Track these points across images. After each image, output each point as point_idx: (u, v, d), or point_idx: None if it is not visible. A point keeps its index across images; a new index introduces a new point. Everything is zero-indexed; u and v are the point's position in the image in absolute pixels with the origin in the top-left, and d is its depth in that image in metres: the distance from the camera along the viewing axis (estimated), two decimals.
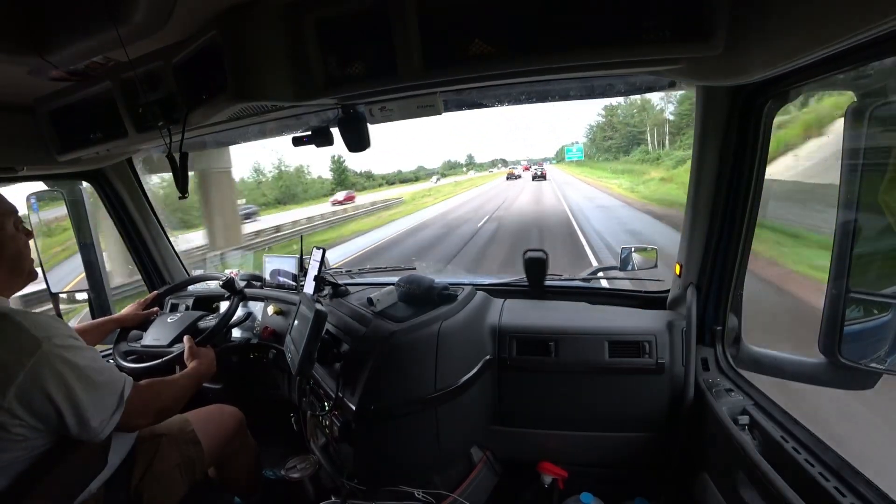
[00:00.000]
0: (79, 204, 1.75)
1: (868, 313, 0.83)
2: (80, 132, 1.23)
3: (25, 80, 1.04)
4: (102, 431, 0.87)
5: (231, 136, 1.47)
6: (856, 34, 0.54)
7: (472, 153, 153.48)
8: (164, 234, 1.97)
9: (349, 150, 1.22)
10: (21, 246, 0.94)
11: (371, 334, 1.20)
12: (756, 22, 0.68)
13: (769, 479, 0.83)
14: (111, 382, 0.90)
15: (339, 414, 1.22)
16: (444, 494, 1.25)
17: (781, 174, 7.25)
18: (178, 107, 0.98)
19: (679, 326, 1.25)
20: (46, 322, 0.84)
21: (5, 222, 0.90)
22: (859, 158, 0.76)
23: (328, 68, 0.89)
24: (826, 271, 0.81)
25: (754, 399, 1.08)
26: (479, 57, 0.81)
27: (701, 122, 1.07)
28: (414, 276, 1.41)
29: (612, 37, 0.75)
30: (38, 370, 0.78)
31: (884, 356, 0.80)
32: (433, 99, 1.09)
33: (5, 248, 0.90)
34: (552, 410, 1.34)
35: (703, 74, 0.88)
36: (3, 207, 0.91)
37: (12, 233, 0.92)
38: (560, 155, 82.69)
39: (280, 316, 1.67)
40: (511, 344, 1.33)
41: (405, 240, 11.70)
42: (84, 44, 0.84)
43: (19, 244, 0.93)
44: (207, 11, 0.84)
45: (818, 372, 0.94)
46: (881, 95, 0.78)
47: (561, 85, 1.12)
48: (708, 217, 1.15)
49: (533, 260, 1.53)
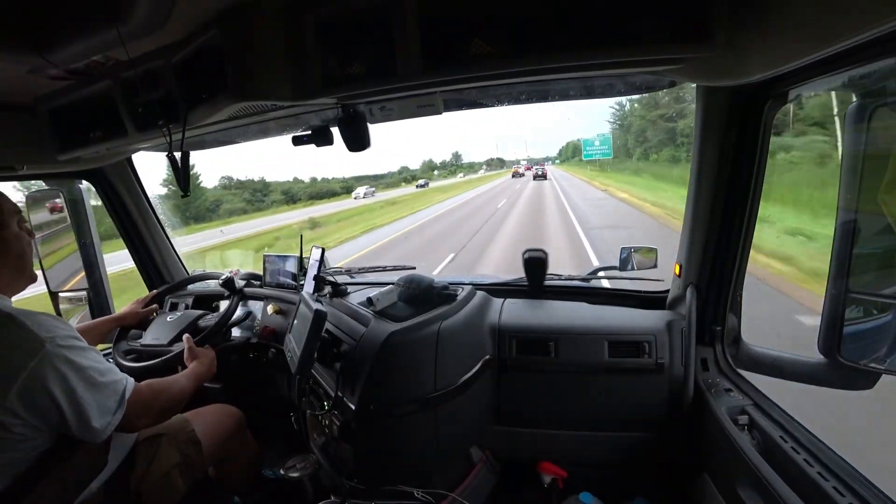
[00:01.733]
0: (78, 203, 1.75)
1: (868, 313, 0.83)
2: (80, 131, 1.23)
3: (25, 80, 1.04)
4: (104, 432, 0.87)
5: (231, 135, 1.46)
6: (856, 34, 0.54)
7: (462, 151, 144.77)
8: (164, 233, 1.97)
9: (349, 149, 1.22)
10: (25, 245, 0.94)
11: (371, 334, 1.20)
12: (756, 22, 0.68)
13: (768, 479, 0.83)
14: (113, 383, 0.90)
15: (338, 413, 1.22)
16: (443, 494, 1.26)
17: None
18: (178, 106, 0.98)
19: (678, 326, 1.25)
20: (49, 322, 0.84)
21: (9, 221, 0.90)
22: (859, 158, 0.76)
23: (328, 68, 0.89)
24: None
25: (753, 399, 1.08)
26: (478, 57, 0.80)
27: (701, 122, 1.07)
28: (414, 276, 1.41)
29: (612, 37, 0.75)
30: (41, 370, 0.78)
31: (883, 356, 0.80)
32: (433, 99, 1.09)
33: (10, 247, 0.90)
34: (552, 410, 1.34)
35: (703, 74, 0.88)
36: (7, 206, 0.91)
37: (16, 232, 0.92)
38: (566, 153, 71.36)
39: (280, 315, 1.68)
40: (511, 344, 1.33)
41: None
42: (84, 43, 0.84)
43: (23, 244, 0.93)
44: (207, 10, 0.84)
45: (818, 372, 0.94)
46: (881, 95, 0.78)
47: (561, 85, 1.12)
48: (708, 217, 1.15)
49: (532, 260, 1.53)
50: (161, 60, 0.97)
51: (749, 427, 1.02)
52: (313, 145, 1.30)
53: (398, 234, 12.53)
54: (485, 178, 49.59)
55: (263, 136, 1.55)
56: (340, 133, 1.22)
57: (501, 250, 8.35)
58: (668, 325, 1.27)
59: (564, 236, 9.20)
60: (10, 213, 0.91)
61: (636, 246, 1.55)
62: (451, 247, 9.23)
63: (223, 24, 0.84)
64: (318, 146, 1.30)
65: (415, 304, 1.33)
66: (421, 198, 27.35)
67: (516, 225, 11.94)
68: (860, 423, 2.19)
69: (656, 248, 1.52)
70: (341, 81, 0.89)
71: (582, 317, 1.40)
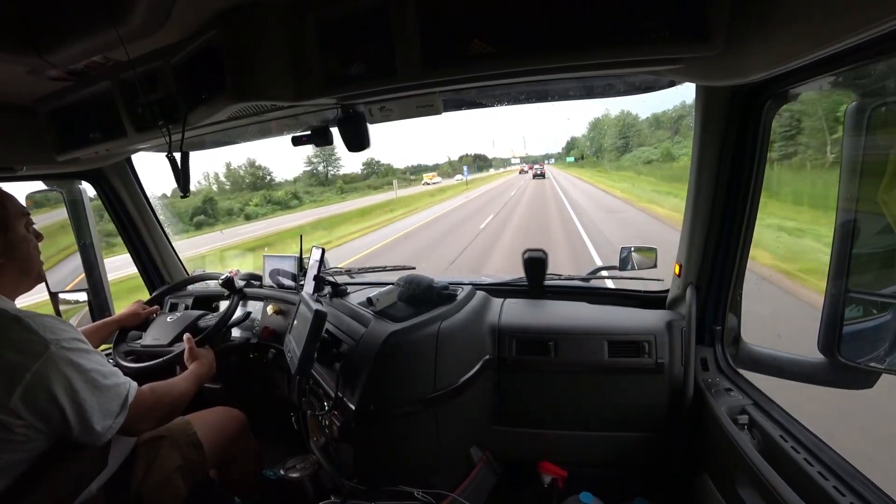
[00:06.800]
0: (78, 204, 1.75)
1: (867, 313, 0.83)
2: (80, 132, 1.23)
3: (25, 80, 1.04)
4: (105, 435, 0.87)
5: (231, 135, 1.46)
6: (856, 34, 0.54)
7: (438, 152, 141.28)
8: (164, 233, 1.97)
9: (349, 149, 1.22)
10: (31, 248, 0.94)
11: (371, 334, 1.20)
12: (756, 22, 0.68)
13: (768, 479, 0.84)
14: (116, 386, 0.90)
15: (338, 414, 1.22)
16: (443, 494, 1.26)
17: None
18: (177, 106, 0.98)
19: (678, 326, 1.25)
20: (55, 324, 0.84)
21: (17, 224, 0.90)
22: (859, 158, 0.76)
23: (328, 68, 0.89)
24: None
25: (753, 399, 1.08)
26: (478, 57, 0.80)
27: (701, 122, 1.07)
28: (413, 276, 1.41)
29: (612, 37, 0.75)
30: (46, 372, 0.78)
31: (883, 356, 0.80)
32: (433, 99, 1.09)
33: (17, 249, 0.90)
34: (552, 410, 1.34)
35: (703, 74, 0.88)
36: (16, 209, 0.91)
37: (24, 234, 0.92)
38: (569, 146, 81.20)
39: (280, 316, 1.67)
40: (511, 344, 1.33)
41: None
42: (83, 44, 0.84)
43: (30, 246, 0.93)
44: (207, 11, 0.84)
45: (817, 371, 0.94)
46: (881, 95, 0.78)
47: (560, 85, 1.12)
48: (707, 217, 1.15)
49: (532, 260, 1.53)
50: (160, 61, 0.97)
51: (749, 427, 1.02)
52: (313, 145, 1.31)
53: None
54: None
55: (263, 137, 1.55)
56: (340, 133, 1.22)
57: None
58: (667, 324, 1.27)
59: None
60: (17, 216, 0.91)
61: (636, 246, 1.55)
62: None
63: (223, 25, 0.84)
64: (318, 146, 1.30)
65: (415, 305, 1.32)
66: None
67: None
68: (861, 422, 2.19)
69: (656, 248, 1.52)
70: (341, 81, 0.89)
71: (582, 317, 1.40)
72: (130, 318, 1.58)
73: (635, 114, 47.69)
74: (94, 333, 1.44)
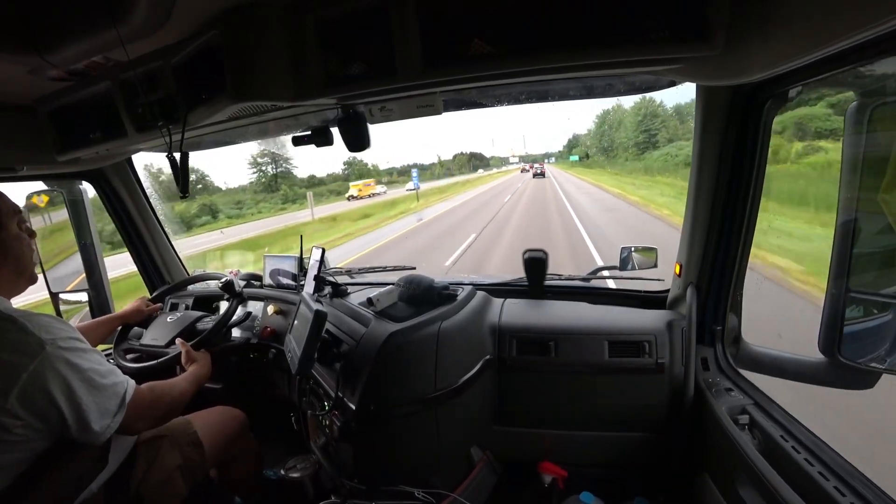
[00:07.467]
0: (78, 204, 1.75)
1: (868, 313, 0.82)
2: (80, 132, 1.23)
3: (25, 80, 1.04)
4: (103, 434, 0.87)
5: (231, 135, 1.46)
6: (856, 34, 0.54)
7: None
8: (164, 233, 1.97)
9: (349, 149, 1.22)
10: (24, 247, 0.93)
11: (371, 334, 1.20)
12: (756, 22, 0.68)
13: (769, 479, 0.83)
14: (114, 385, 0.90)
15: (339, 414, 1.22)
16: (443, 494, 1.26)
17: None
18: (177, 107, 0.98)
19: (679, 326, 1.25)
20: (50, 324, 0.84)
21: (8, 222, 0.90)
22: (859, 158, 0.76)
23: (328, 68, 0.89)
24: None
25: (754, 398, 1.08)
26: (478, 57, 0.80)
27: (701, 122, 1.07)
28: (414, 276, 1.41)
29: (612, 37, 0.74)
30: (42, 372, 0.78)
31: (884, 356, 0.80)
32: (433, 99, 1.09)
33: (9, 248, 0.89)
34: (552, 410, 1.34)
35: (703, 74, 0.88)
36: (7, 207, 0.90)
37: (16, 233, 0.91)
38: (572, 144, 76.70)
39: (280, 316, 1.67)
40: (511, 344, 1.33)
41: None
42: (84, 44, 0.84)
43: (23, 245, 0.93)
44: (207, 11, 0.84)
45: (818, 371, 0.94)
46: (881, 95, 0.78)
47: (560, 85, 1.12)
48: (708, 217, 1.15)
49: (533, 260, 1.53)
50: (161, 61, 0.97)
51: (750, 426, 1.02)
52: (313, 145, 1.31)
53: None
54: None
55: (263, 137, 1.56)
56: (340, 133, 1.22)
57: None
58: (668, 324, 1.27)
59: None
60: (9, 214, 0.90)
61: (636, 246, 1.55)
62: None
63: (223, 25, 0.84)
64: (318, 146, 1.30)
65: (415, 305, 1.32)
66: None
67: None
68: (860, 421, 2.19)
69: (656, 248, 1.52)
70: (341, 82, 0.89)
71: (582, 317, 1.40)
72: (134, 315, 1.58)
73: (659, 101, 37.26)
74: (96, 329, 1.44)
